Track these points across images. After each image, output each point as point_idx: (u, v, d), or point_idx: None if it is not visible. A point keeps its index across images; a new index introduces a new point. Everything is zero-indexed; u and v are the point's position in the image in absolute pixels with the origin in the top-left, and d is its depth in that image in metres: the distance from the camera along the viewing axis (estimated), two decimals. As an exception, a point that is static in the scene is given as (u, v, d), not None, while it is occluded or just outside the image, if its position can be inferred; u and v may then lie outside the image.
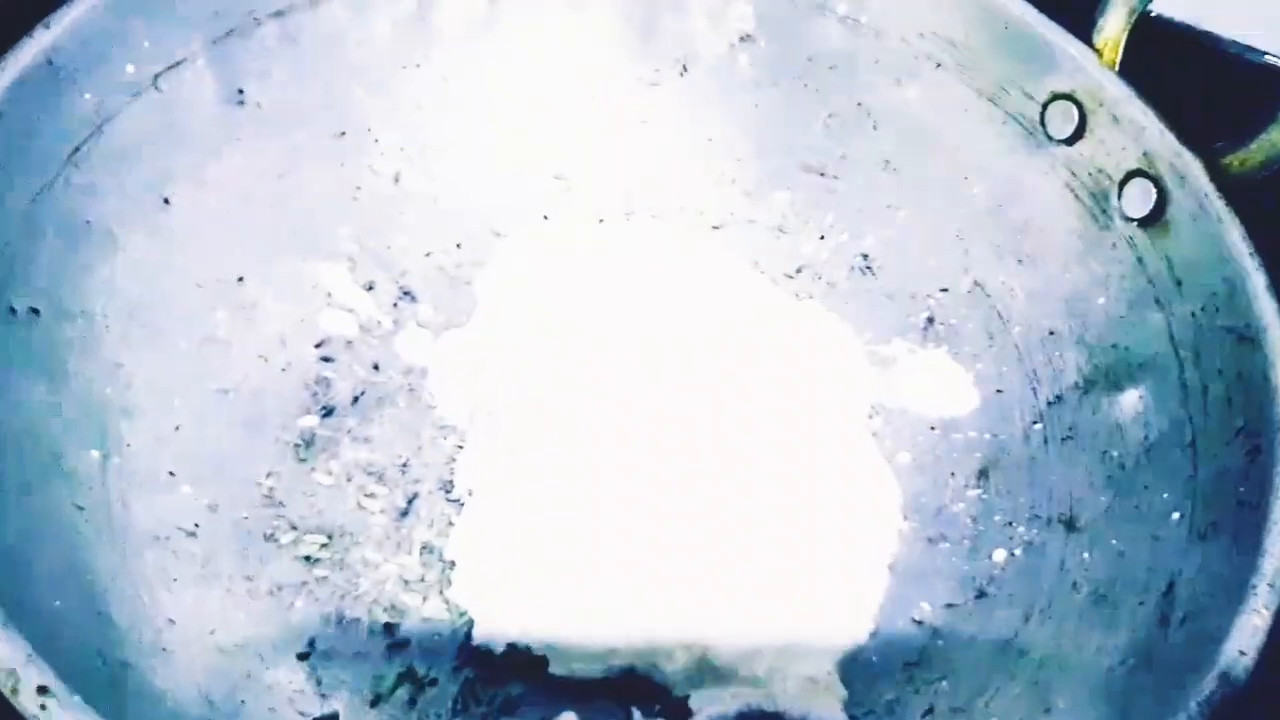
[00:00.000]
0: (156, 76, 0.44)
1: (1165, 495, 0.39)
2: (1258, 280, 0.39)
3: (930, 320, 0.50)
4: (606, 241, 0.52)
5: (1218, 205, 0.41)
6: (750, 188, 0.54)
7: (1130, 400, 0.43)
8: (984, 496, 0.45)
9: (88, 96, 0.42)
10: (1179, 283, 0.42)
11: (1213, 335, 0.40)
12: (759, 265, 0.52)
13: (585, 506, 0.43)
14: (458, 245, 0.51)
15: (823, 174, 0.53)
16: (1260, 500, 0.35)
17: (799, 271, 0.52)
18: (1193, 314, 0.41)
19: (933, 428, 0.48)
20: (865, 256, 0.52)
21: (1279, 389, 0.37)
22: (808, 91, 0.52)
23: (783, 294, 0.52)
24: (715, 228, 0.53)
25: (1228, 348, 0.39)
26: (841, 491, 0.46)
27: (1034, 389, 0.46)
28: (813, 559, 0.44)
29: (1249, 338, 0.39)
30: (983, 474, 0.46)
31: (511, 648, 0.40)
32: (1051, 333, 0.46)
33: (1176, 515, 0.38)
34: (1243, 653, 0.32)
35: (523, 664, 0.40)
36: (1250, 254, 0.40)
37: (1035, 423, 0.46)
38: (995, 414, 0.47)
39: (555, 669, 0.40)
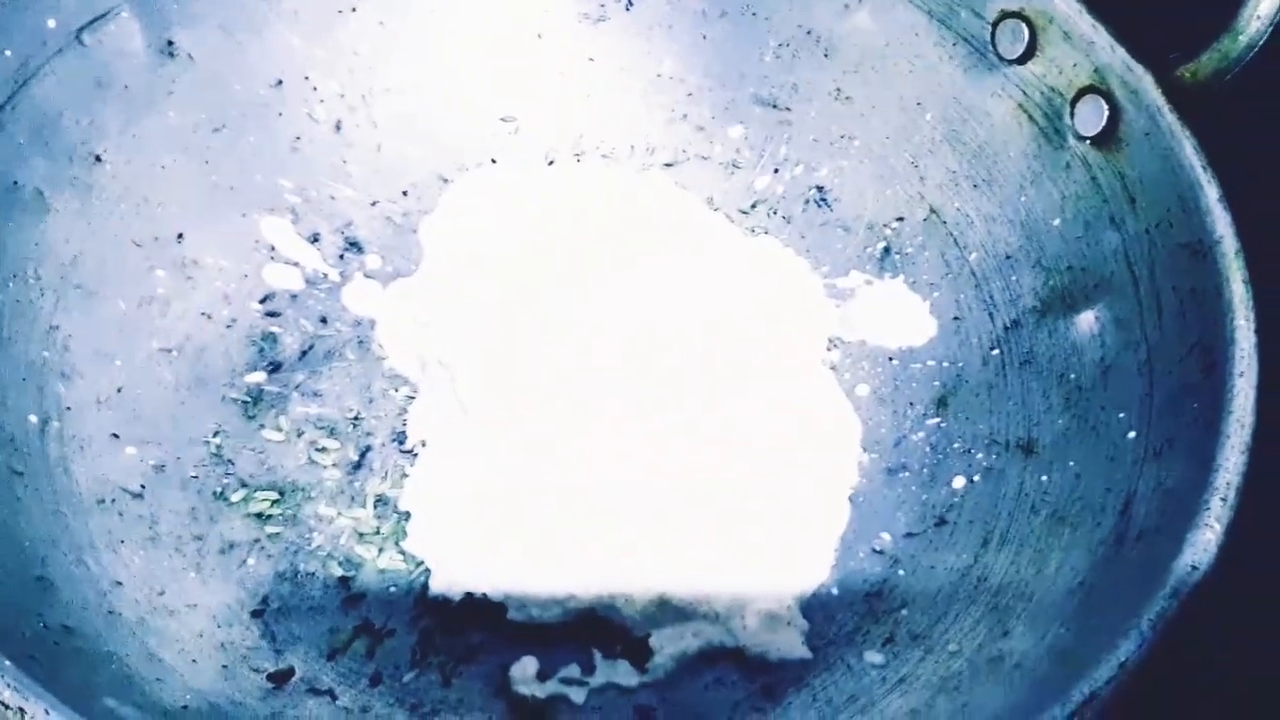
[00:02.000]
0: (80, 30, 0.43)
1: (1121, 415, 0.39)
2: (1210, 193, 0.39)
3: (887, 250, 0.49)
4: (557, 183, 0.51)
5: (1170, 119, 0.40)
6: (702, 123, 0.53)
7: (1087, 321, 0.42)
8: (943, 425, 0.44)
9: (8, 54, 0.41)
10: (1133, 200, 0.41)
11: (1167, 251, 0.40)
12: (713, 202, 0.52)
13: (540, 452, 0.43)
14: (404, 193, 0.50)
15: (775, 105, 0.52)
16: (1213, 415, 0.35)
17: (754, 207, 0.51)
18: (1147, 231, 0.41)
19: (891, 358, 0.47)
20: (820, 189, 0.51)
21: (1232, 302, 0.36)
22: (756, 20, 0.51)
23: (738, 230, 0.51)
24: (668, 165, 0.52)
25: (1181, 263, 0.39)
26: (801, 426, 0.45)
27: (991, 314, 0.46)
28: (773, 495, 0.43)
29: (1202, 252, 0.38)
30: (942, 402, 0.45)
31: (469, 596, 0.40)
32: (1008, 257, 0.46)
33: (1132, 434, 0.38)
34: (1194, 567, 0.31)
35: (481, 612, 0.40)
36: (1203, 167, 0.39)
37: (993, 348, 0.45)
38: (953, 342, 0.46)
39: (514, 615, 0.40)
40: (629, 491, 0.42)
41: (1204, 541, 0.32)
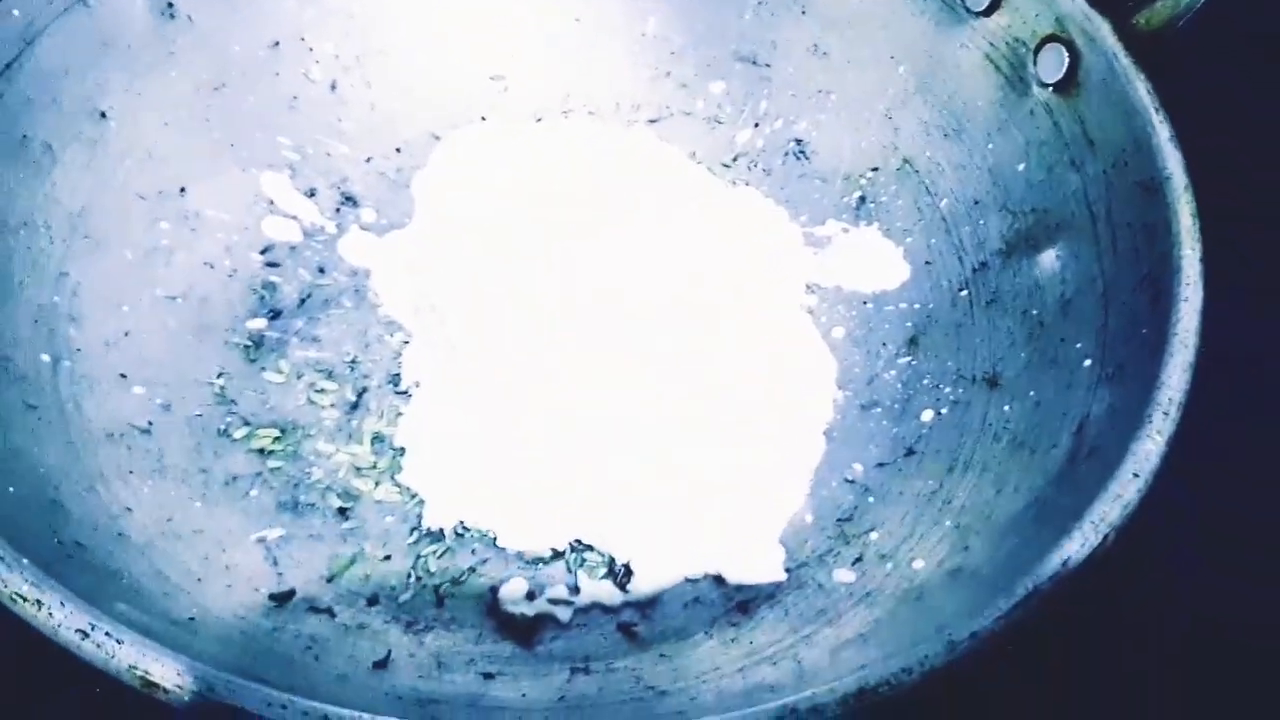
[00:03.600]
0: (84, -8, 0.45)
1: (1079, 345, 0.41)
2: (1162, 133, 0.40)
3: (862, 199, 0.51)
4: (544, 140, 0.53)
5: (1125, 64, 0.42)
6: (686, 80, 0.55)
7: (1048, 260, 0.44)
8: (914, 363, 0.46)
9: (16, 14, 0.43)
10: (1091, 143, 0.43)
11: (1123, 189, 0.41)
12: (696, 156, 0.53)
13: (528, 390, 0.45)
14: (397, 150, 0.52)
15: (755, 62, 0.54)
16: (1160, 339, 0.36)
17: (735, 160, 0.53)
18: (1104, 171, 0.42)
19: (866, 302, 0.49)
20: (799, 142, 0.53)
21: (1179, 234, 0.38)
22: (736, -20, 0.53)
23: (720, 183, 0.53)
24: (652, 121, 0.54)
25: (1135, 200, 0.41)
26: (780, 367, 0.47)
27: (960, 258, 0.47)
28: (752, 431, 0.45)
29: (1154, 188, 0.40)
30: (912, 342, 0.47)
31: (461, 525, 0.42)
32: (977, 203, 0.48)
33: (1088, 362, 0.40)
34: (1136, 474, 0.33)
35: (473, 539, 0.42)
36: (1155, 108, 0.41)
37: (962, 290, 0.47)
38: (925, 284, 0.48)
39: (503, 543, 0.42)
40: (615, 425, 0.44)
41: (1146, 451, 0.33)
